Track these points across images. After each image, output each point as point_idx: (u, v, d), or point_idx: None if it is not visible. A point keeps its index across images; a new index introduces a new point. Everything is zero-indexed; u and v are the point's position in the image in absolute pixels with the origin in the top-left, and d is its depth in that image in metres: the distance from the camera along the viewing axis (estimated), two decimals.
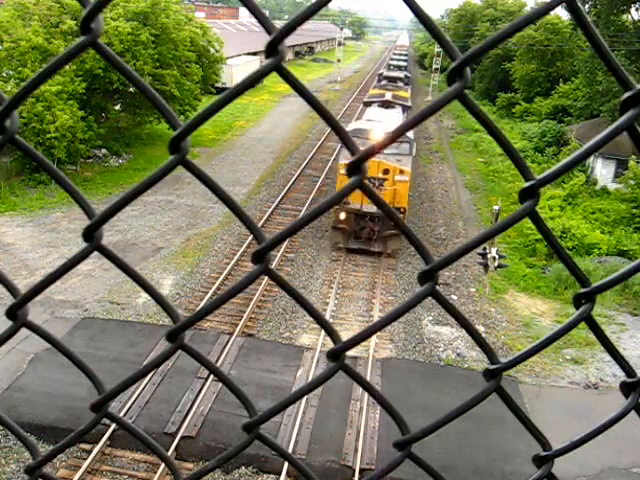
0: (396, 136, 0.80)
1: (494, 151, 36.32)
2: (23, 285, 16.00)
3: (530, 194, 0.82)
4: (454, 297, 19.36)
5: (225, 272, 19.32)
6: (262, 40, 0.74)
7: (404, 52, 78.75)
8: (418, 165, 35.09)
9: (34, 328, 0.95)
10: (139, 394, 13.42)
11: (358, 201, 20.54)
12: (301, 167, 31.93)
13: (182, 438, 12.25)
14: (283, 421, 12.86)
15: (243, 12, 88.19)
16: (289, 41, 0.91)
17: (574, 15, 0.76)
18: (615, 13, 33.43)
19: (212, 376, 13.55)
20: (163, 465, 11.20)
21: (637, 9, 33.92)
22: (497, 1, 63.26)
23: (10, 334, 0.94)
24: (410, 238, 0.88)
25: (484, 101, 54.00)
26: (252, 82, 0.77)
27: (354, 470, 11.73)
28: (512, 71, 49.07)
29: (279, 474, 11.47)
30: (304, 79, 57.97)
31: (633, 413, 1.00)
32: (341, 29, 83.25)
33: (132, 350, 14.95)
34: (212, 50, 37.92)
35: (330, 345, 0.92)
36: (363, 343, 1.01)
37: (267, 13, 0.77)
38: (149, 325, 16.31)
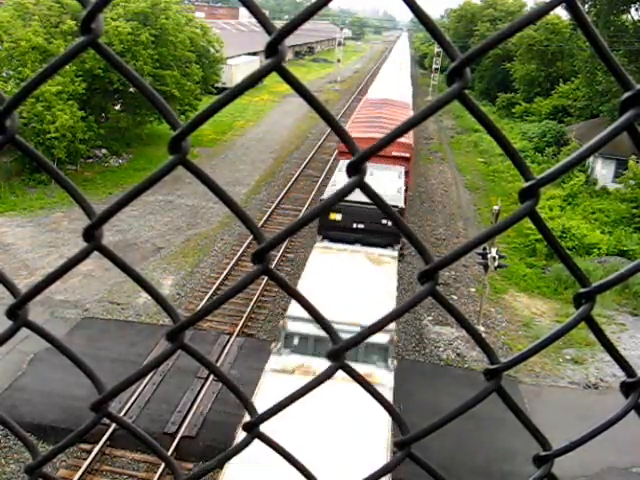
0: (396, 136, 0.80)
1: (494, 151, 36.29)
2: (23, 285, 15.96)
3: (530, 194, 0.82)
4: (454, 297, 19.35)
5: (225, 272, 19.32)
6: (262, 40, 0.74)
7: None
8: (418, 166, 35.11)
9: (34, 328, 0.95)
10: (139, 394, 13.42)
11: None
12: (301, 167, 31.92)
13: (182, 438, 12.25)
14: None
15: (243, 12, 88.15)
16: (289, 41, 0.91)
17: (574, 15, 0.76)
18: (615, 13, 33.42)
19: (212, 376, 13.55)
20: (163, 465, 11.20)
21: (637, 9, 33.92)
22: (497, 1, 63.22)
23: (10, 334, 0.93)
24: (410, 238, 0.88)
25: (484, 101, 53.96)
26: (252, 82, 0.77)
27: None
28: (512, 71, 49.03)
29: None
30: (304, 79, 57.93)
31: (633, 413, 1.00)
32: (341, 29, 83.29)
33: (132, 350, 14.94)
34: (212, 50, 37.94)
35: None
36: None
37: (267, 13, 0.77)
38: (149, 325, 16.31)
